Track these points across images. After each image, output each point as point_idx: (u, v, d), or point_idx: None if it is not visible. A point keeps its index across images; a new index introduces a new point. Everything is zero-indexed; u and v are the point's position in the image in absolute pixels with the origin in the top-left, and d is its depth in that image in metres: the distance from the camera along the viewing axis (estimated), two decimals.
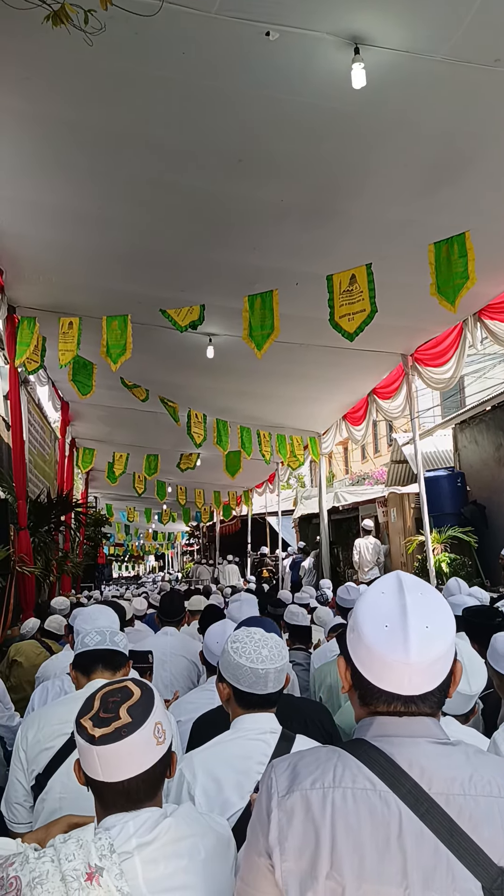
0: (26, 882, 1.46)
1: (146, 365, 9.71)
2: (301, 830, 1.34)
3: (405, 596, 1.42)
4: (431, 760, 1.36)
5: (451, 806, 1.32)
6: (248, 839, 1.44)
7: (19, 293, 8.52)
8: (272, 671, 2.25)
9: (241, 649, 2.27)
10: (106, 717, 1.61)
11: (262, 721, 2.28)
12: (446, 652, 1.40)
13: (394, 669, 1.38)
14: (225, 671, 2.30)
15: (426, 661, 1.37)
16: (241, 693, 2.27)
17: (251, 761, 2.19)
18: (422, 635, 1.37)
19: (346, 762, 1.39)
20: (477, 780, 1.34)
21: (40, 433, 15.22)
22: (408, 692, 1.40)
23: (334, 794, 1.34)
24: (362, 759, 1.38)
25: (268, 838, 1.36)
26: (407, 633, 1.37)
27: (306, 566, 17.62)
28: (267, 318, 6.75)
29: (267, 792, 1.41)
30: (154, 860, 1.55)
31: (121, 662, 2.83)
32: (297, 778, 1.39)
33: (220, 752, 2.25)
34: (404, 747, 1.38)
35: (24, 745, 2.66)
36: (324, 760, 1.41)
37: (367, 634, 1.40)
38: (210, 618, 5.03)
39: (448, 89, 4.59)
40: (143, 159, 5.56)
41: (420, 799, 1.32)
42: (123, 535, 34.92)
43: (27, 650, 6.28)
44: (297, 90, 4.61)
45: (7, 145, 5.54)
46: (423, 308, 7.04)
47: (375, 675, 1.40)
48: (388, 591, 1.45)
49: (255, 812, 1.44)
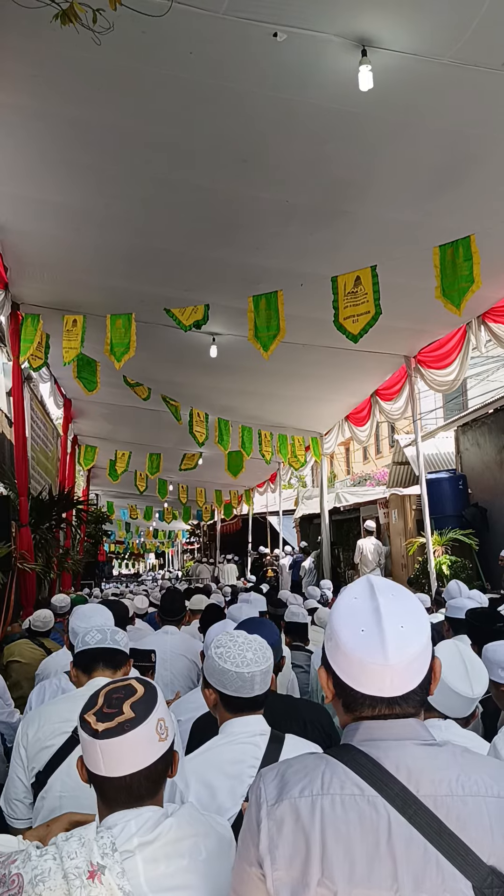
0: (28, 879, 1.47)
1: (148, 363, 9.71)
2: (291, 839, 1.34)
3: (377, 598, 1.42)
4: (418, 762, 1.37)
5: (440, 807, 1.32)
6: (239, 849, 1.44)
7: (23, 290, 8.52)
8: (258, 674, 2.24)
9: (226, 654, 2.25)
10: (109, 712, 1.62)
11: (251, 724, 2.27)
12: (423, 650, 1.41)
13: (374, 672, 1.38)
14: (210, 677, 2.29)
15: (404, 660, 1.38)
16: (227, 698, 2.26)
17: (243, 765, 2.19)
18: (398, 636, 1.38)
19: (333, 769, 1.39)
20: (464, 780, 1.35)
21: (42, 430, 15.24)
22: (390, 694, 1.40)
23: (323, 802, 1.35)
24: (350, 764, 1.38)
25: (258, 848, 1.37)
26: (383, 636, 1.37)
27: (307, 566, 17.62)
28: (272, 319, 6.76)
29: (256, 801, 1.41)
30: (155, 859, 1.56)
31: (121, 661, 2.84)
32: (286, 786, 1.39)
33: (211, 759, 2.24)
34: (391, 750, 1.38)
35: (25, 742, 2.67)
36: (311, 768, 1.41)
37: (345, 641, 1.41)
38: (211, 617, 5.04)
39: (455, 92, 4.60)
40: (149, 158, 5.57)
41: (408, 802, 1.33)
42: (124, 533, 34.92)
43: (21, 649, 6.28)
44: (303, 91, 4.61)
45: (13, 142, 5.56)
46: (427, 310, 7.05)
47: (356, 681, 1.41)
48: (361, 595, 1.46)
49: (244, 822, 1.44)
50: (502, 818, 1.32)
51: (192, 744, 2.71)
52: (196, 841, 1.63)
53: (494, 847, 1.30)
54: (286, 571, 18.97)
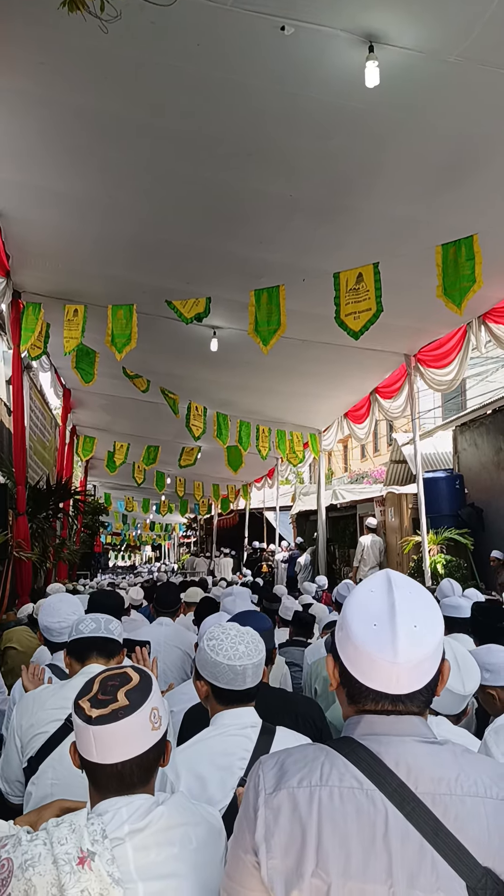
0: (18, 864, 1.47)
1: (148, 355, 9.70)
2: (287, 828, 1.34)
3: (394, 594, 1.41)
4: (418, 759, 1.36)
5: (437, 805, 1.32)
6: (235, 836, 1.44)
7: (25, 278, 8.51)
8: (250, 667, 2.24)
9: (218, 647, 2.25)
10: (104, 699, 1.62)
11: (243, 716, 2.28)
12: (434, 651, 1.40)
13: (382, 668, 1.37)
14: (202, 669, 2.29)
15: (414, 660, 1.37)
16: (219, 690, 2.26)
17: (233, 757, 2.19)
18: (410, 635, 1.37)
19: (333, 760, 1.39)
20: (463, 779, 1.35)
21: (41, 419, 15.23)
22: (395, 691, 1.39)
23: (321, 793, 1.35)
24: (349, 757, 1.38)
25: (254, 836, 1.37)
26: (395, 633, 1.36)
27: (302, 562, 17.64)
28: (273, 314, 6.75)
29: (254, 789, 1.41)
30: (145, 847, 1.56)
31: (115, 650, 2.84)
32: (285, 776, 1.39)
33: (201, 750, 2.24)
34: (391, 746, 1.38)
35: (19, 730, 2.68)
36: (311, 759, 1.41)
37: (356, 633, 1.40)
38: (206, 609, 5.05)
39: (461, 91, 4.59)
40: (154, 148, 5.56)
41: (406, 798, 1.33)
42: (121, 525, 34.94)
43: (20, 636, 6.29)
44: (310, 86, 4.60)
45: (18, 129, 5.55)
46: (428, 309, 7.05)
47: (363, 674, 1.40)
48: (378, 589, 1.44)
49: (241, 809, 1.44)
50: (500, 820, 1.32)
51: (183, 734, 2.72)
52: (186, 830, 1.64)
53: (490, 848, 1.30)
54: (281, 567, 19.00)
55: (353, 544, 17.12)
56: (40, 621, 3.52)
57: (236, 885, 1.41)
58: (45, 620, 3.53)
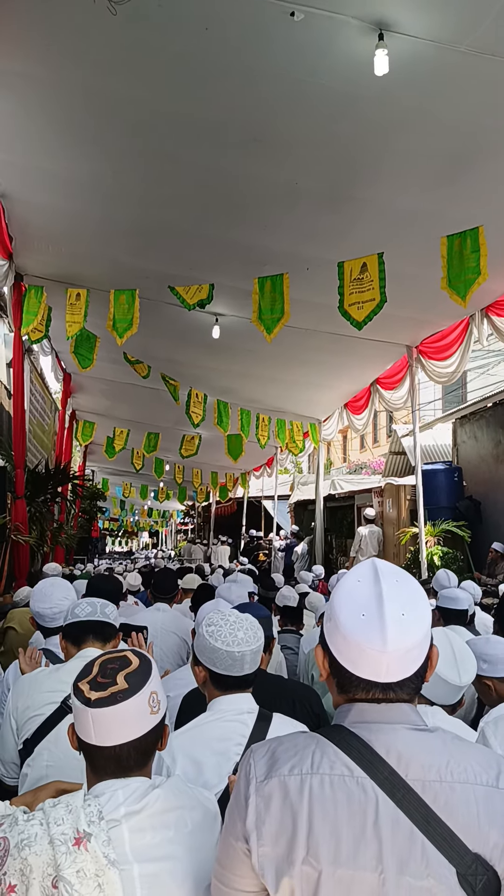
0: (14, 843, 1.48)
1: (150, 341, 9.69)
2: (278, 816, 1.35)
3: (381, 584, 1.42)
4: (409, 747, 1.37)
5: (427, 792, 1.33)
6: (226, 824, 1.45)
7: (28, 261, 8.49)
8: (248, 653, 2.25)
9: (217, 633, 2.26)
10: (103, 681, 1.63)
11: (239, 702, 2.28)
12: (423, 639, 1.41)
13: (370, 658, 1.38)
14: (201, 654, 2.30)
15: (402, 648, 1.37)
16: (217, 676, 2.27)
17: (230, 742, 2.20)
18: (398, 623, 1.37)
19: (324, 749, 1.40)
20: (454, 766, 1.35)
21: (41, 403, 15.21)
22: (385, 679, 1.40)
23: (312, 781, 1.35)
24: (340, 745, 1.39)
25: (245, 823, 1.38)
26: (383, 622, 1.37)
27: (299, 551, 17.67)
28: (277, 302, 6.73)
29: (245, 777, 1.42)
30: (141, 829, 1.57)
31: (111, 634, 2.86)
32: (276, 764, 1.40)
33: (198, 735, 2.25)
34: (382, 734, 1.39)
35: (15, 712, 2.69)
36: (302, 747, 1.42)
37: (344, 623, 1.40)
38: (203, 596, 5.06)
39: (470, 81, 4.56)
40: (159, 133, 5.53)
41: (397, 785, 1.33)
42: (119, 511, 34.97)
43: (22, 618, 6.30)
44: (318, 73, 4.57)
45: (24, 111, 5.52)
46: (432, 300, 7.04)
47: (352, 663, 1.41)
48: (364, 579, 1.45)
49: (233, 797, 1.45)
50: (489, 806, 1.32)
51: (181, 719, 2.73)
52: (182, 813, 1.65)
53: (480, 835, 1.31)
54: (279, 555, 19.03)
55: (350, 534, 17.15)
56: (32, 607, 3.52)
57: (227, 872, 1.42)
58: (37, 606, 3.52)
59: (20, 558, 8.98)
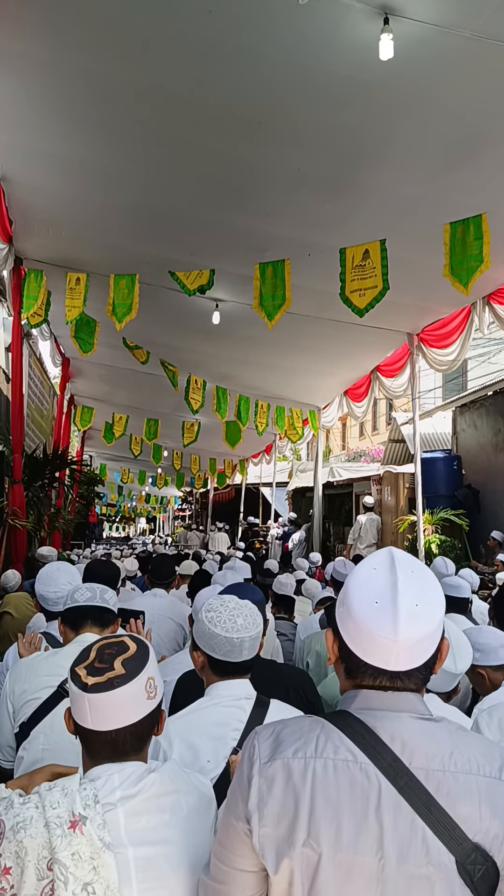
0: (10, 826, 1.49)
1: (149, 326, 9.65)
2: (281, 798, 1.36)
3: (397, 573, 1.42)
4: (413, 735, 1.38)
5: (430, 781, 1.34)
6: (228, 803, 1.46)
7: (27, 245, 8.44)
8: (247, 639, 2.26)
9: (216, 619, 2.26)
10: (100, 667, 1.63)
11: (237, 687, 2.29)
12: (434, 630, 1.41)
13: (381, 646, 1.38)
14: (199, 640, 2.30)
15: (414, 638, 1.37)
16: (215, 661, 2.27)
17: (227, 728, 2.21)
18: (411, 613, 1.37)
19: (328, 733, 1.40)
20: (457, 756, 1.36)
21: (39, 388, 15.19)
22: (394, 668, 1.40)
23: (315, 764, 1.36)
24: (345, 730, 1.40)
25: (247, 804, 1.39)
26: (396, 611, 1.37)
27: (296, 539, 17.70)
28: (278, 289, 6.70)
29: (249, 759, 1.43)
30: (137, 813, 1.58)
31: (109, 619, 2.86)
32: (280, 746, 1.41)
33: (195, 720, 2.26)
34: (387, 721, 1.39)
35: (12, 696, 2.70)
36: (307, 731, 1.42)
37: (357, 610, 1.41)
38: (200, 582, 5.06)
39: (476, 67, 4.51)
40: (162, 116, 5.48)
41: (400, 772, 1.34)
42: (116, 496, 34.98)
43: (17, 602, 6.31)
44: (322, 57, 4.53)
45: (25, 93, 5.47)
46: (433, 288, 7.01)
47: (363, 650, 1.41)
48: (380, 567, 1.45)
49: (235, 777, 1.46)
50: (491, 798, 1.33)
51: (175, 702, 2.74)
52: (178, 797, 1.65)
53: (481, 825, 1.32)
54: (276, 543, 19.07)
55: (348, 522, 17.19)
56: (37, 589, 3.53)
57: (227, 852, 1.43)
58: (42, 589, 3.53)
59: (17, 543, 8.99)
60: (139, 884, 1.53)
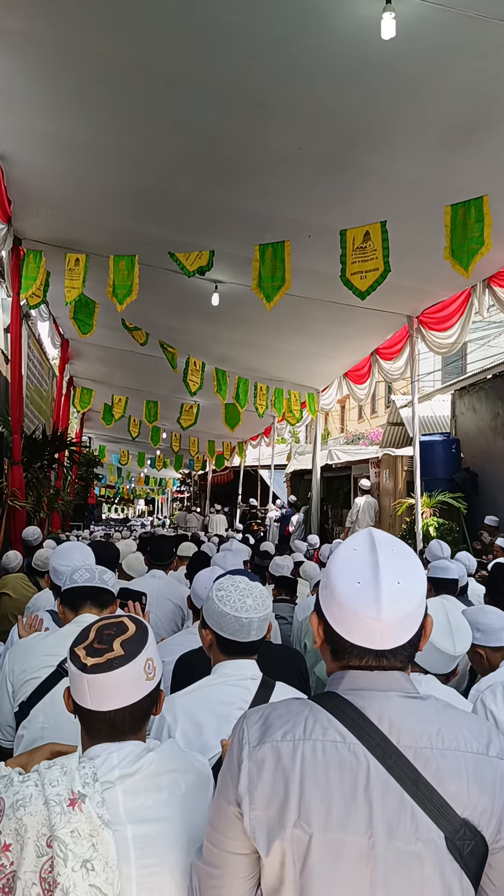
0: (9, 804, 1.50)
1: (148, 307, 9.61)
2: (271, 780, 1.37)
3: (377, 552, 1.42)
4: (401, 714, 1.39)
5: (419, 759, 1.35)
6: (219, 787, 1.47)
7: (26, 225, 8.40)
8: (255, 620, 2.27)
9: (226, 598, 2.28)
10: (99, 647, 1.64)
11: (244, 667, 2.31)
12: (417, 607, 1.42)
13: (365, 625, 1.39)
14: (209, 618, 2.32)
15: (397, 616, 1.38)
16: (223, 640, 2.29)
17: (231, 706, 2.22)
18: (393, 591, 1.38)
19: (317, 715, 1.41)
20: (445, 734, 1.37)
21: (38, 369, 15.15)
22: (379, 646, 1.41)
23: (304, 746, 1.37)
24: (333, 712, 1.41)
25: (237, 787, 1.40)
26: (379, 590, 1.37)
27: (295, 521, 17.73)
28: (278, 270, 6.67)
29: (238, 742, 1.44)
30: (135, 791, 1.59)
31: (108, 600, 2.86)
32: (269, 730, 1.42)
33: (201, 697, 2.28)
34: (375, 701, 1.40)
35: (11, 676, 2.71)
36: (295, 713, 1.43)
37: (340, 591, 1.41)
38: (198, 564, 5.07)
39: (478, 47, 4.48)
40: (163, 96, 5.44)
41: (388, 751, 1.35)
42: (115, 478, 35.04)
43: (14, 583, 6.33)
44: (324, 36, 4.49)
45: (26, 72, 5.42)
46: (434, 270, 6.98)
47: (347, 631, 1.42)
48: (361, 547, 1.45)
49: (225, 761, 1.47)
50: (479, 774, 1.35)
51: (175, 682, 2.76)
52: (176, 776, 1.66)
53: (469, 801, 1.33)
54: (273, 525, 19.10)
55: (346, 505, 17.21)
56: (51, 562, 3.52)
57: (219, 835, 1.44)
58: (55, 562, 3.52)
59: (16, 524, 9.01)
60: (137, 860, 1.54)
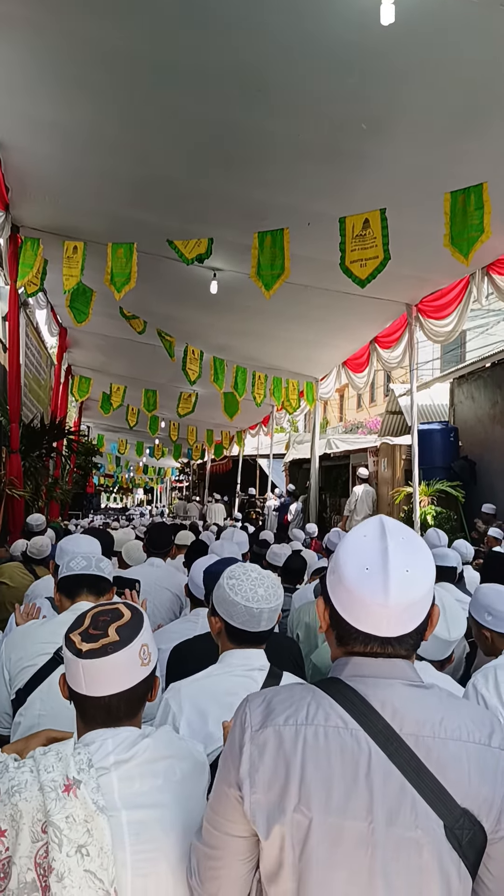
0: (5, 789, 1.50)
1: (147, 295, 9.58)
2: (272, 764, 1.38)
3: (387, 540, 1.42)
4: (404, 702, 1.39)
5: (420, 747, 1.35)
6: (220, 770, 1.47)
7: (24, 212, 8.36)
8: (266, 610, 2.25)
9: (238, 587, 2.25)
10: (95, 633, 1.64)
11: (252, 657, 2.30)
12: (425, 595, 1.41)
13: (372, 612, 1.39)
14: (219, 606, 2.30)
15: (404, 604, 1.38)
16: (232, 629, 2.28)
17: (237, 697, 2.19)
18: (401, 579, 1.38)
19: (319, 700, 1.42)
20: (447, 723, 1.38)
21: (37, 357, 15.14)
22: (385, 634, 1.41)
23: (306, 731, 1.38)
24: (336, 697, 1.41)
25: (239, 771, 1.40)
26: (387, 577, 1.37)
27: (294, 510, 17.75)
28: (277, 258, 6.63)
29: (241, 726, 1.44)
30: (130, 777, 1.60)
31: (105, 588, 2.87)
32: (272, 714, 1.42)
33: (207, 687, 2.27)
34: (378, 688, 1.41)
35: (8, 663, 2.71)
36: (298, 698, 1.44)
37: (348, 577, 1.41)
38: (196, 552, 5.08)
39: (480, 33, 4.43)
40: (159, 82, 5.40)
41: (390, 738, 1.36)
42: (114, 467, 35.01)
43: (11, 572, 6.34)
44: (324, 21, 4.45)
45: (26, 58, 5.39)
46: (433, 258, 6.96)
47: (354, 617, 1.42)
48: (371, 534, 1.45)
49: (227, 745, 1.47)
50: (480, 764, 1.35)
51: (170, 671, 2.76)
52: (171, 762, 1.67)
53: (470, 790, 1.34)
54: (272, 514, 19.12)
55: (344, 493, 17.23)
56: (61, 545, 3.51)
57: (219, 818, 1.45)
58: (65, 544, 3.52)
59: (15, 513, 9.02)
60: (132, 846, 1.55)
